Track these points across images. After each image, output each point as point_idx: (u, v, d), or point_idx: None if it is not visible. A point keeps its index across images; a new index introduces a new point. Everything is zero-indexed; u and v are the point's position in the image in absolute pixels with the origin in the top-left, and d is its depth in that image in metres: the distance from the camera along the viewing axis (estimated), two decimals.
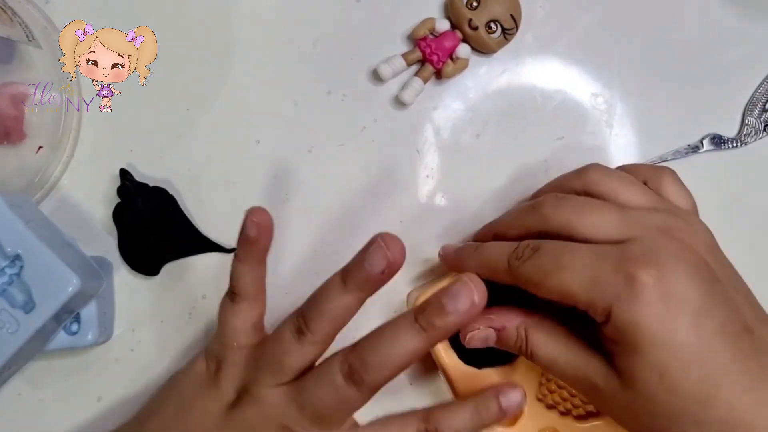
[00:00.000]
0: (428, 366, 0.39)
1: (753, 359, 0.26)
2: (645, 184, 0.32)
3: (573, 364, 0.29)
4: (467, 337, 0.32)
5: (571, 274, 0.27)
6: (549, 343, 0.30)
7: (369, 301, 0.31)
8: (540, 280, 0.28)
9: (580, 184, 0.32)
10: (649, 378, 0.26)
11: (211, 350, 0.35)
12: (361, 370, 0.29)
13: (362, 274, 0.29)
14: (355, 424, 0.32)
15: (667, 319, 0.26)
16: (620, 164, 0.41)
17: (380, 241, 0.28)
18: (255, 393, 0.31)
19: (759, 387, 0.25)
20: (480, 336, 0.32)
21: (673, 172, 0.33)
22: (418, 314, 0.28)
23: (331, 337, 0.31)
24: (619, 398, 0.27)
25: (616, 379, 0.27)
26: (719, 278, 0.27)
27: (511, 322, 0.31)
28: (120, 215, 0.40)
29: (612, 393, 0.28)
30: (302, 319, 0.31)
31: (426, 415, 0.31)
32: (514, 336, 0.31)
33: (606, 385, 0.28)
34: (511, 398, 0.32)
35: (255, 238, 0.32)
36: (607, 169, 0.32)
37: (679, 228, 0.28)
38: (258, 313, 0.35)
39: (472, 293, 0.27)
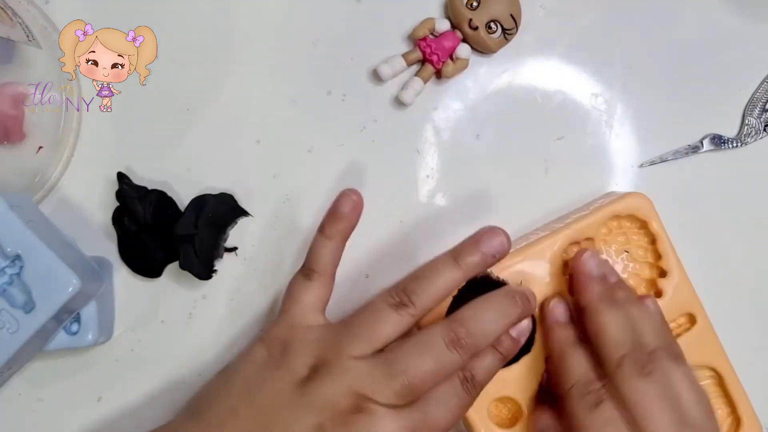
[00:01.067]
0: None
1: None
2: None
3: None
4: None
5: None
6: None
7: None
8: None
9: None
10: None
11: (273, 335, 0.34)
12: (465, 337, 0.31)
13: (476, 255, 0.33)
14: None
15: None
16: (620, 164, 0.42)
17: (498, 230, 0.33)
18: (335, 364, 0.31)
19: None
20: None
21: None
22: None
23: (427, 312, 0.33)
24: None
25: None
26: None
27: None
28: (119, 220, 0.39)
29: None
30: (404, 293, 0.32)
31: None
32: None
33: None
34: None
35: (347, 214, 0.34)
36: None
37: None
38: (327, 293, 0.35)
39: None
